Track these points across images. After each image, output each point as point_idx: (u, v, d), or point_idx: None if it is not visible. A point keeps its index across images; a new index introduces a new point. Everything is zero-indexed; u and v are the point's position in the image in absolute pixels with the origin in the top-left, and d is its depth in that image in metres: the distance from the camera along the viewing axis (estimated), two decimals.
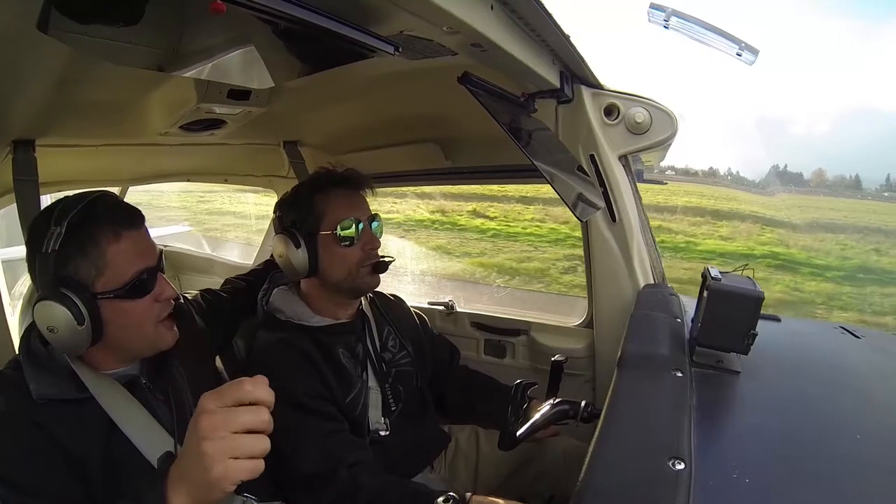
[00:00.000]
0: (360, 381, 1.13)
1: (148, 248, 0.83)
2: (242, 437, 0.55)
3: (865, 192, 20.12)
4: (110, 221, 0.79)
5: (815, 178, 20.98)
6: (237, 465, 0.54)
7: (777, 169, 20.96)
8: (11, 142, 1.02)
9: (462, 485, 1.24)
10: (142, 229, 0.83)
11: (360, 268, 1.11)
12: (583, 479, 0.59)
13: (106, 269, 0.77)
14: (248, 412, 0.56)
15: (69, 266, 0.76)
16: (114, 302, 0.78)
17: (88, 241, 0.77)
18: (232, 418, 0.55)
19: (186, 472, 0.56)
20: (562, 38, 0.91)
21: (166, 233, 3.83)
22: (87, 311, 0.74)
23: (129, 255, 0.79)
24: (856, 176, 20.91)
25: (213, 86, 1.08)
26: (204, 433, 0.54)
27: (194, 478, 0.55)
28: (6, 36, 0.66)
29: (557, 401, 1.07)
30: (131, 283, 0.79)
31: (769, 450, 0.70)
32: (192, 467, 0.55)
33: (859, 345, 1.16)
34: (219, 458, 0.54)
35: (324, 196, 1.11)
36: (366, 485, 0.97)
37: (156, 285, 0.83)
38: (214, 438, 0.54)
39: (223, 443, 0.54)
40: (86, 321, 0.75)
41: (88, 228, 0.77)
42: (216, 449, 0.54)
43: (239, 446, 0.54)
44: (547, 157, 1.08)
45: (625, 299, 1.33)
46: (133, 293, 0.79)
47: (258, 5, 0.51)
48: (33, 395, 0.75)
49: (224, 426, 0.54)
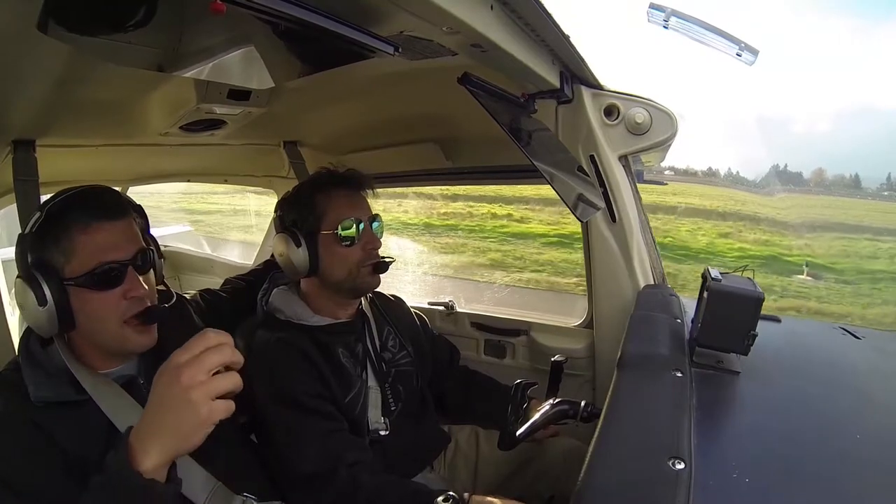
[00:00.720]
0: (360, 381, 1.13)
1: (122, 241, 0.82)
2: (218, 378, 0.61)
3: (865, 191, 20.09)
4: (84, 211, 0.80)
5: (815, 178, 20.98)
6: (217, 405, 0.60)
7: (777, 168, 20.98)
8: (11, 142, 1.02)
9: (462, 485, 1.24)
10: (119, 222, 0.82)
11: (361, 268, 1.11)
12: (583, 478, 0.59)
13: (72, 257, 0.78)
14: (216, 353, 0.62)
15: (43, 250, 0.78)
16: (80, 290, 0.78)
17: (61, 229, 0.78)
18: (206, 362, 0.61)
19: (161, 427, 0.60)
20: (562, 38, 0.91)
21: (166, 233, 3.83)
22: (51, 295, 0.75)
23: (96, 246, 0.79)
24: (855, 175, 20.90)
25: (213, 86, 1.08)
26: (186, 382, 0.59)
27: (174, 428, 0.60)
28: (6, 36, 0.66)
29: (557, 401, 1.07)
30: (95, 273, 0.78)
31: (769, 450, 0.70)
32: (170, 420, 0.60)
33: (859, 345, 1.16)
34: (203, 401, 0.59)
35: (325, 196, 1.11)
36: (365, 484, 0.97)
37: (125, 281, 0.81)
38: (195, 384, 0.60)
39: (204, 386, 0.60)
40: (48, 303, 0.75)
41: (63, 217, 0.79)
42: (200, 393, 0.59)
43: (217, 386, 0.61)
44: (547, 157, 1.08)
45: (625, 299, 1.34)
46: (97, 284, 0.79)
47: (258, 5, 0.51)
48: (31, 398, 0.75)
49: (200, 371, 0.60)
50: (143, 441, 0.60)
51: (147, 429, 0.61)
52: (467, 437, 1.31)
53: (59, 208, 0.80)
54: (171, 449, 0.60)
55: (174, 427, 0.60)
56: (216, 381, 0.61)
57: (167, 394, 0.61)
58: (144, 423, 0.62)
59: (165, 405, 0.61)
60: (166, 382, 0.61)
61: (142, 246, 0.84)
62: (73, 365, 0.79)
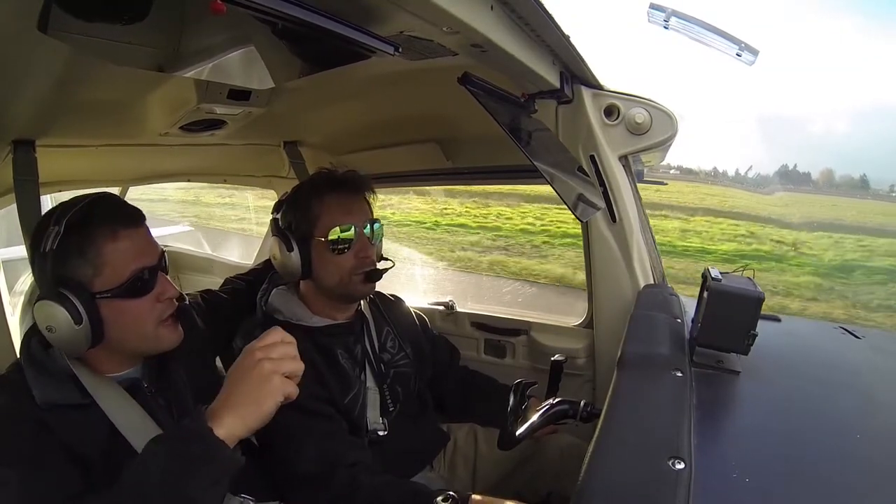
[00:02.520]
0: (359, 382, 1.13)
1: (147, 247, 0.82)
2: (286, 360, 0.70)
3: (874, 191, 19.93)
4: (108, 220, 0.79)
5: (823, 178, 20.90)
6: (285, 381, 0.69)
7: (786, 168, 20.92)
8: (11, 142, 1.02)
9: (461, 484, 1.24)
10: (141, 228, 0.83)
11: (353, 275, 1.10)
12: (583, 478, 0.59)
13: (103, 269, 0.77)
14: (282, 345, 0.71)
15: (67, 266, 0.76)
16: (112, 301, 0.77)
17: (86, 241, 0.77)
18: (274, 349, 0.70)
19: (238, 397, 0.68)
20: (562, 38, 0.91)
21: (166, 232, 3.83)
22: (85, 311, 0.74)
23: (126, 254, 0.79)
24: (863, 175, 20.79)
25: (214, 86, 1.08)
26: (259, 358, 0.69)
27: (248, 396, 0.67)
28: (6, 36, 0.66)
29: (557, 400, 1.07)
30: (129, 282, 0.78)
31: (769, 450, 0.70)
32: (245, 389, 0.68)
33: (859, 345, 1.16)
34: (274, 373, 0.68)
35: (319, 200, 1.10)
36: (364, 485, 0.97)
37: (157, 284, 0.82)
38: (268, 360, 0.69)
39: (274, 363, 0.69)
40: (84, 321, 0.74)
41: (86, 228, 0.77)
42: (272, 367, 0.68)
43: (285, 365, 0.70)
44: (547, 157, 1.08)
45: (625, 299, 1.34)
46: (132, 292, 0.79)
47: (258, 5, 0.51)
48: (37, 401, 0.74)
49: (272, 352, 0.70)
50: (219, 412, 0.66)
51: (225, 402, 0.68)
52: (466, 435, 1.31)
53: (78, 219, 0.77)
54: (246, 417, 0.67)
55: (248, 395, 0.67)
56: (284, 361, 0.70)
57: (244, 367, 0.69)
58: (222, 398, 0.68)
59: (243, 379, 0.68)
60: (243, 362, 0.69)
61: (162, 248, 0.86)
62: (78, 369, 0.79)
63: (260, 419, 0.68)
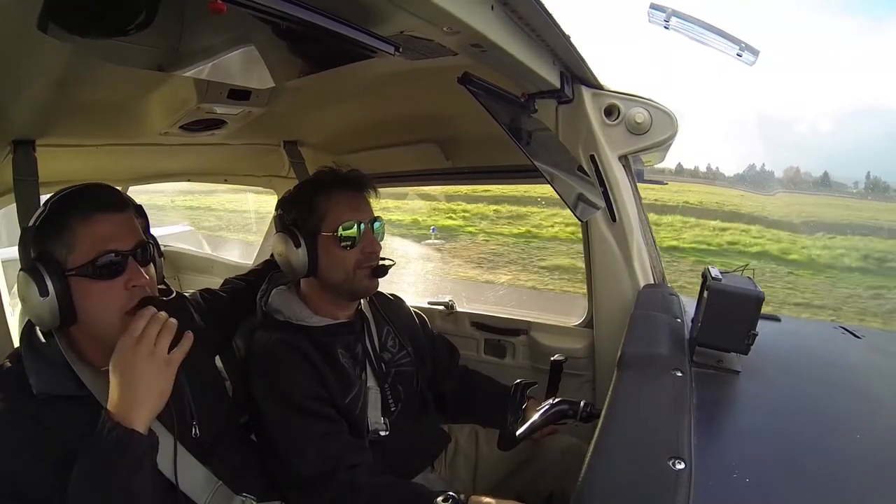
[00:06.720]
0: (359, 382, 1.13)
1: (123, 232, 0.83)
2: (161, 339, 0.76)
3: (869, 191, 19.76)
4: (84, 204, 0.81)
5: (790, 175, 20.57)
6: (173, 355, 0.76)
7: (780, 169, 20.77)
8: (11, 142, 1.02)
9: (462, 484, 1.24)
10: (120, 214, 0.83)
11: (358, 270, 1.11)
12: (583, 478, 0.59)
13: (74, 247, 0.79)
14: (152, 326, 0.76)
15: (45, 243, 0.79)
16: (82, 281, 0.78)
17: (62, 221, 0.80)
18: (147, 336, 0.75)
19: (131, 394, 0.73)
20: (562, 38, 0.91)
21: (166, 232, 3.83)
22: (52, 286, 0.76)
23: (97, 235, 0.80)
24: (866, 174, 20.61)
25: (214, 86, 1.08)
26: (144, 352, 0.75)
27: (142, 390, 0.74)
28: (6, 36, 0.66)
29: (557, 400, 1.07)
30: (95, 263, 0.79)
31: (769, 450, 0.70)
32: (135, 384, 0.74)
33: (859, 345, 1.16)
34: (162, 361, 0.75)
35: (325, 196, 1.11)
36: (364, 486, 0.97)
37: (126, 271, 0.82)
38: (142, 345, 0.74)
39: (155, 354, 0.75)
40: (49, 294, 0.76)
41: (65, 209, 0.80)
42: (147, 349, 0.74)
43: (164, 347, 0.76)
44: (547, 157, 1.08)
45: (625, 299, 1.33)
46: (99, 273, 0.79)
47: (258, 5, 0.51)
48: (34, 390, 0.76)
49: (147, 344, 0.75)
50: (122, 410, 0.72)
51: (121, 399, 0.73)
52: (467, 436, 1.31)
53: (60, 202, 0.81)
54: (147, 400, 0.74)
55: (140, 387, 0.73)
56: (162, 343, 0.75)
57: (124, 362, 0.74)
58: (117, 397, 0.73)
59: (133, 382, 0.73)
60: (121, 357, 0.74)
61: (142, 238, 0.85)
62: (73, 360, 0.80)
63: (163, 398, 0.75)
